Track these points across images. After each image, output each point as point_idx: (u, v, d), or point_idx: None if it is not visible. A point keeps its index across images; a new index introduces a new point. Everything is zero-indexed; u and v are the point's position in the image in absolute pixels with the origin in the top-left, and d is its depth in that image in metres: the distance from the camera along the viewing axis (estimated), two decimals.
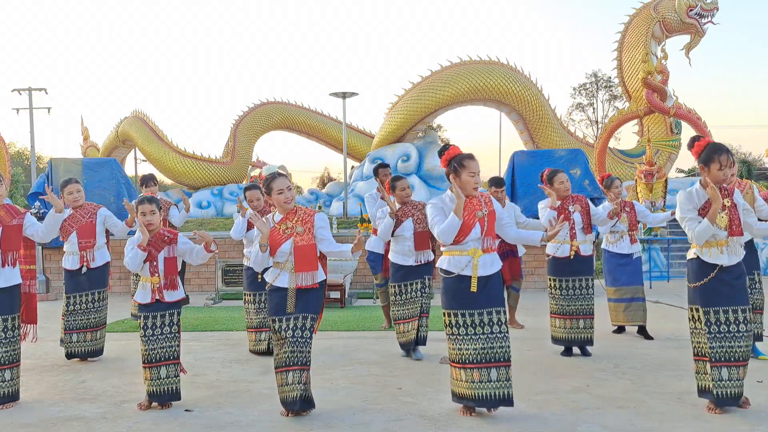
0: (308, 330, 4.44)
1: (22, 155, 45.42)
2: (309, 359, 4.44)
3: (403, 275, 6.21)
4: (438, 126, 43.13)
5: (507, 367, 4.32)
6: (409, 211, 6.28)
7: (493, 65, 19.58)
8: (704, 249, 4.42)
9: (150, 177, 8.42)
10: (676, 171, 38.92)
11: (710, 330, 4.36)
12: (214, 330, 7.93)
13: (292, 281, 4.45)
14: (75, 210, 6.31)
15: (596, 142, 18.87)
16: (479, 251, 4.37)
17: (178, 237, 4.79)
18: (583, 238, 6.33)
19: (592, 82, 46.26)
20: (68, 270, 6.28)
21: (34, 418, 4.50)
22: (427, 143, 20.23)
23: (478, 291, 4.32)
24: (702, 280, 4.41)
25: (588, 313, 6.26)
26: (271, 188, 4.53)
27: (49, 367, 6.00)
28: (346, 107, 16.91)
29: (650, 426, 4.23)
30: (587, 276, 6.32)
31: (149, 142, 21.40)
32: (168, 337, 4.67)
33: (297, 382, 4.36)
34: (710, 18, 18.40)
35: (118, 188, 11.74)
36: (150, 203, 4.69)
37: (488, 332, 4.32)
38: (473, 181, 4.41)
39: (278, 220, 4.58)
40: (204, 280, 12.05)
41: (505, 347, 4.34)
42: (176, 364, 4.70)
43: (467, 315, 4.34)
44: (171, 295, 4.71)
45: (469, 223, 4.37)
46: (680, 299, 10.23)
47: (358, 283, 11.50)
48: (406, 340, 6.26)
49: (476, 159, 4.46)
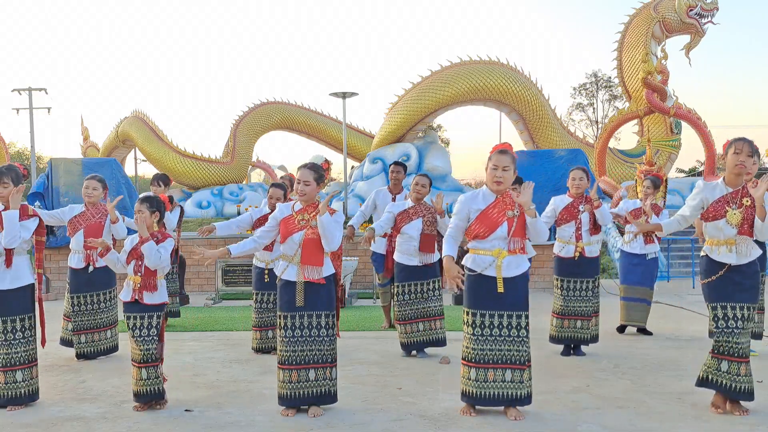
0: (324, 328, 4.47)
1: (22, 155, 45.44)
2: (333, 356, 4.52)
3: (407, 275, 6.19)
4: (438, 126, 43.11)
5: (522, 369, 4.28)
6: (420, 210, 6.25)
7: (493, 65, 19.57)
8: (713, 247, 4.40)
9: (160, 176, 7.98)
10: (676, 171, 38.96)
11: (717, 324, 4.37)
12: (214, 330, 7.93)
13: (300, 274, 4.48)
14: (87, 207, 6.27)
15: (596, 142, 18.88)
16: (504, 252, 4.29)
17: (167, 239, 4.73)
18: (588, 240, 6.27)
19: (592, 82, 46.28)
20: (73, 269, 6.26)
21: (34, 418, 4.50)
22: (427, 143, 20.23)
23: (499, 292, 4.27)
24: (710, 277, 4.41)
25: (586, 315, 6.24)
26: (296, 177, 4.65)
27: (49, 367, 5.99)
28: (346, 107, 16.92)
29: (650, 426, 4.23)
30: (590, 278, 6.28)
31: (149, 142, 21.41)
32: (146, 339, 4.61)
33: (322, 378, 4.46)
34: (710, 18, 18.39)
35: (118, 188, 11.72)
36: (141, 203, 4.73)
37: (506, 335, 4.28)
38: (493, 175, 4.30)
39: (297, 209, 4.62)
40: (204, 280, 12.04)
41: (522, 351, 4.28)
42: (155, 367, 4.61)
43: (486, 315, 4.30)
44: (150, 297, 4.65)
45: (496, 221, 4.30)
46: (680, 299, 10.23)
47: (358, 283, 11.50)
48: (407, 341, 6.25)
49: (508, 153, 4.34)
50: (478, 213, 4.34)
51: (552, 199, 6.45)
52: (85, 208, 6.28)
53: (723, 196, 4.37)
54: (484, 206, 4.35)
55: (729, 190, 4.38)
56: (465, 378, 4.40)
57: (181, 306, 10.11)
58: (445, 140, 48.38)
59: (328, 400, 4.53)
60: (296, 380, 4.45)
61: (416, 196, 6.28)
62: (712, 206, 4.39)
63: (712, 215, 4.39)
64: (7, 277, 4.71)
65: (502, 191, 4.36)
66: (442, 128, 47.30)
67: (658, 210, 7.22)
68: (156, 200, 4.79)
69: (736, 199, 4.34)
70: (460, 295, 10.07)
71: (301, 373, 4.45)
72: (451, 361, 6.07)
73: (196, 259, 5.91)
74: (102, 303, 6.28)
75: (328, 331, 4.50)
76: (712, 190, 4.42)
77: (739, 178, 4.37)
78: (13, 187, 4.72)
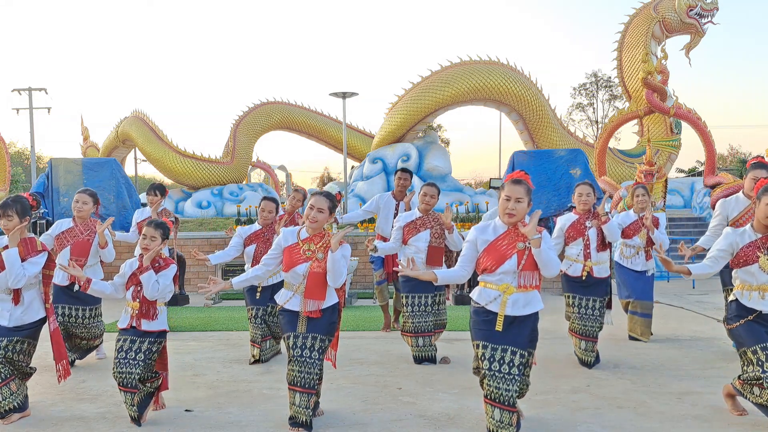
0: (317, 351, 4.25)
1: (22, 155, 45.46)
2: (315, 383, 4.23)
3: (413, 287, 5.99)
4: (438, 126, 43.08)
5: (511, 412, 3.87)
6: (429, 221, 6.09)
7: (493, 65, 19.56)
8: (744, 291, 4.27)
9: (157, 186, 7.82)
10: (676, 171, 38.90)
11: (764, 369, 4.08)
12: (214, 330, 7.93)
13: (303, 306, 4.30)
14: (76, 223, 6.05)
15: (596, 142, 18.84)
16: (512, 288, 3.92)
17: (169, 267, 4.52)
18: (597, 259, 5.96)
19: (592, 82, 46.25)
20: (57, 285, 5.84)
21: (34, 418, 4.50)
22: (427, 143, 20.21)
23: (503, 329, 3.93)
24: (738, 322, 4.25)
25: (593, 336, 5.90)
26: (308, 201, 4.38)
27: (50, 368, 5.98)
28: (346, 107, 16.88)
29: (650, 426, 4.23)
30: (599, 297, 5.98)
31: (149, 142, 21.38)
32: (131, 363, 4.32)
33: (304, 406, 4.20)
34: (710, 18, 18.38)
35: (118, 188, 11.73)
36: (155, 229, 4.47)
37: (496, 370, 3.89)
38: (505, 206, 3.95)
39: (303, 237, 4.39)
40: (204, 281, 12.05)
41: (512, 391, 3.87)
42: (133, 394, 4.31)
43: (489, 348, 3.94)
44: (148, 324, 4.41)
45: (504, 254, 3.95)
46: (680, 299, 10.23)
47: (358, 283, 11.50)
48: (420, 355, 6.02)
49: (523, 184, 3.97)
50: (487, 244, 4.02)
51: (557, 220, 6.24)
52: (74, 223, 6.05)
53: (753, 242, 4.25)
54: (493, 238, 4.03)
55: (758, 236, 4.27)
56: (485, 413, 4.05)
57: (181, 306, 10.13)
58: (445, 140, 48.39)
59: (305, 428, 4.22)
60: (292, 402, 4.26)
61: (425, 207, 6.11)
62: (743, 251, 4.27)
63: (743, 260, 4.27)
64: (17, 313, 4.51)
65: (514, 224, 4.01)
66: (442, 128, 47.33)
67: (656, 222, 6.94)
68: (165, 227, 4.56)
69: (766, 243, 4.23)
70: (461, 296, 10.08)
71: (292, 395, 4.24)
72: (451, 361, 6.08)
73: (196, 258, 5.75)
74: (86, 319, 5.97)
75: (319, 355, 4.27)
76: (741, 236, 4.30)
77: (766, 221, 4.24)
78: (18, 220, 4.48)
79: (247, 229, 6.29)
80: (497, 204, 4.46)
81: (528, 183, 4.02)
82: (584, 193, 6.05)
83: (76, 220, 6.06)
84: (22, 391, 4.55)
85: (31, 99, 32.31)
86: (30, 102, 32.32)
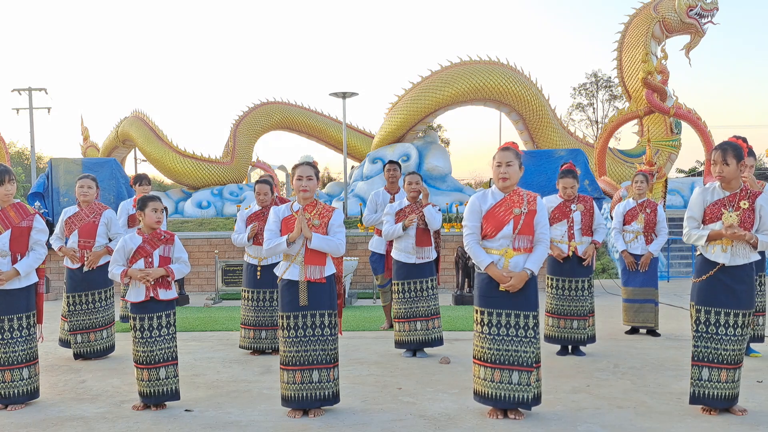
0: (328, 327, 4.47)
1: (22, 155, 45.44)
2: (335, 356, 4.50)
3: (406, 273, 6.26)
4: (438, 126, 43.12)
5: (529, 372, 4.20)
6: (417, 208, 6.34)
7: (493, 65, 19.55)
8: (708, 246, 4.38)
9: (144, 176, 8.15)
10: (676, 171, 38.98)
11: (698, 328, 4.36)
12: (214, 330, 7.93)
13: (302, 274, 4.48)
14: (81, 207, 6.31)
15: (596, 142, 18.86)
16: (511, 251, 4.27)
17: (174, 239, 4.84)
18: (581, 239, 6.31)
19: (592, 82, 46.28)
20: (69, 268, 6.29)
21: (34, 418, 4.50)
22: (427, 143, 20.21)
23: (508, 292, 4.25)
24: (701, 276, 4.39)
25: (582, 315, 6.24)
26: (293, 172, 4.60)
27: (50, 367, 6.00)
28: (346, 107, 16.89)
29: (650, 426, 4.23)
30: (584, 277, 6.29)
31: (149, 142, 21.38)
32: (166, 338, 4.67)
33: (326, 380, 4.43)
34: (710, 18, 18.38)
35: (118, 188, 11.74)
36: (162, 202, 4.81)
37: (513, 335, 4.22)
38: (498, 172, 4.29)
39: (296, 209, 4.59)
40: (204, 280, 12.05)
41: (530, 352, 4.21)
42: (175, 365, 4.72)
43: (494, 314, 4.27)
44: (165, 293, 4.69)
45: (502, 219, 4.27)
46: (680, 299, 10.24)
47: (358, 283, 11.50)
48: (403, 339, 6.29)
49: (510, 149, 4.33)
50: (486, 212, 4.33)
51: (543, 199, 6.39)
52: (79, 207, 6.33)
53: (720, 199, 4.37)
54: (491, 205, 4.34)
55: (726, 193, 4.38)
56: (475, 376, 4.37)
57: (181, 306, 10.13)
58: (445, 140, 48.40)
59: (332, 402, 4.52)
60: (300, 381, 4.43)
61: (412, 195, 6.39)
62: (709, 209, 4.40)
63: (709, 218, 4.40)
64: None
65: (509, 188, 4.34)
66: (442, 128, 47.34)
67: (654, 207, 7.24)
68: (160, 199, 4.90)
69: (733, 202, 4.34)
70: (461, 296, 10.08)
71: (305, 374, 4.43)
72: (451, 361, 6.08)
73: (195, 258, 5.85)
74: (98, 302, 6.29)
75: (331, 330, 4.50)
76: (712, 193, 4.43)
77: (735, 182, 4.37)
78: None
79: (248, 211, 6.71)
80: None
81: (516, 149, 4.36)
82: (569, 186, 6.34)
83: (81, 204, 6.34)
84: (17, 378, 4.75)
85: (31, 99, 32.29)
86: (30, 102, 32.30)
